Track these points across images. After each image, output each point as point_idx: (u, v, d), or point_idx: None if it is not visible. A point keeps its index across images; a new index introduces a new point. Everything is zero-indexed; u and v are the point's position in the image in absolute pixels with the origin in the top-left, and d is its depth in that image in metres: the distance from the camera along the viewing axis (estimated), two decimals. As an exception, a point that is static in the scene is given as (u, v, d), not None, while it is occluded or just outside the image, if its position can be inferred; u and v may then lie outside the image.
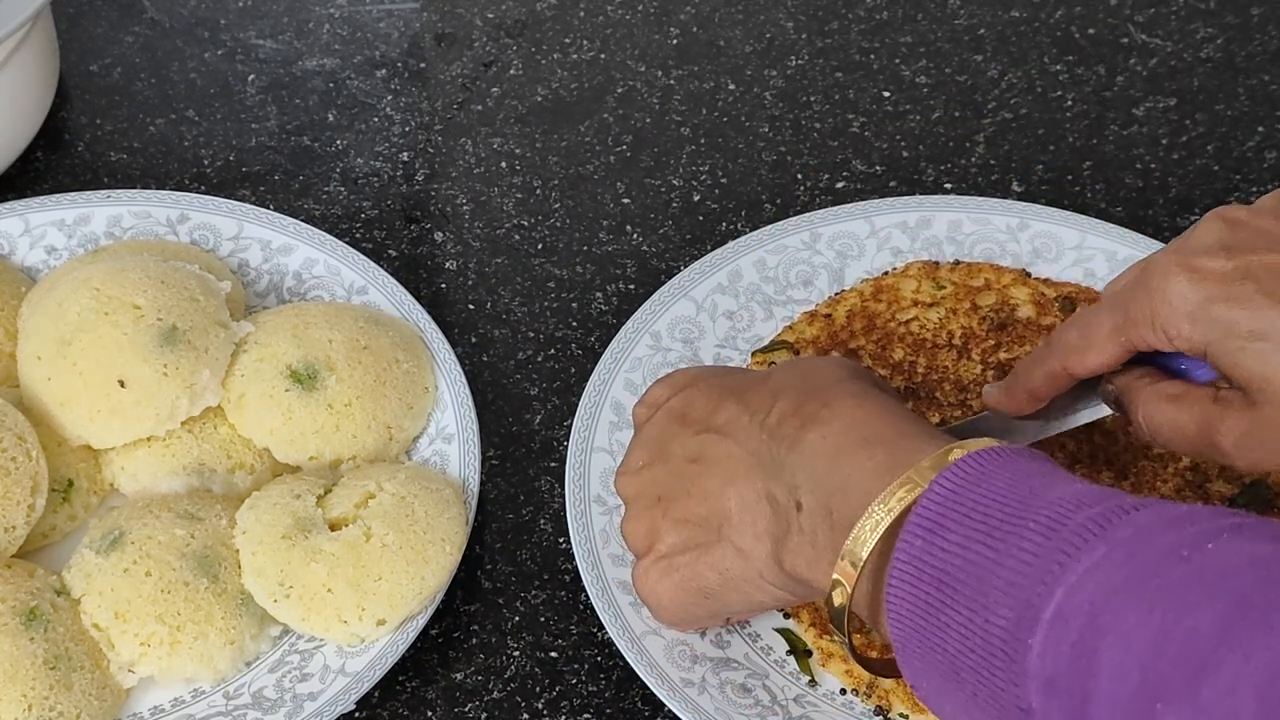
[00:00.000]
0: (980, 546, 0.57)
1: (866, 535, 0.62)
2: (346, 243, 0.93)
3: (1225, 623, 0.50)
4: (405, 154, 1.03)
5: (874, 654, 0.74)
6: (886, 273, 0.92)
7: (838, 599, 0.63)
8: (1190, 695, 0.49)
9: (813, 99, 1.06)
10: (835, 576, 0.63)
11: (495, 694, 0.79)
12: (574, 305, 0.94)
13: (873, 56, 1.09)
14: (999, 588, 0.56)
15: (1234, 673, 0.49)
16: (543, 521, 0.85)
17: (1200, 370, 0.70)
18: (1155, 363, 0.72)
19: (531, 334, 0.93)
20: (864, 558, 0.62)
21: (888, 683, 0.76)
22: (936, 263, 0.92)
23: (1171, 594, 0.52)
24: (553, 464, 0.87)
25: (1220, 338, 0.66)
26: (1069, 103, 1.06)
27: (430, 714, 0.78)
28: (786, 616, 0.79)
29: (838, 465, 0.65)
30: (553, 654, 0.80)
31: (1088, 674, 0.52)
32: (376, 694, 0.78)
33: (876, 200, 0.95)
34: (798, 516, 0.66)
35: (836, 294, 0.91)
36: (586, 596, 0.79)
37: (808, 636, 0.78)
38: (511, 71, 1.08)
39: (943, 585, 0.58)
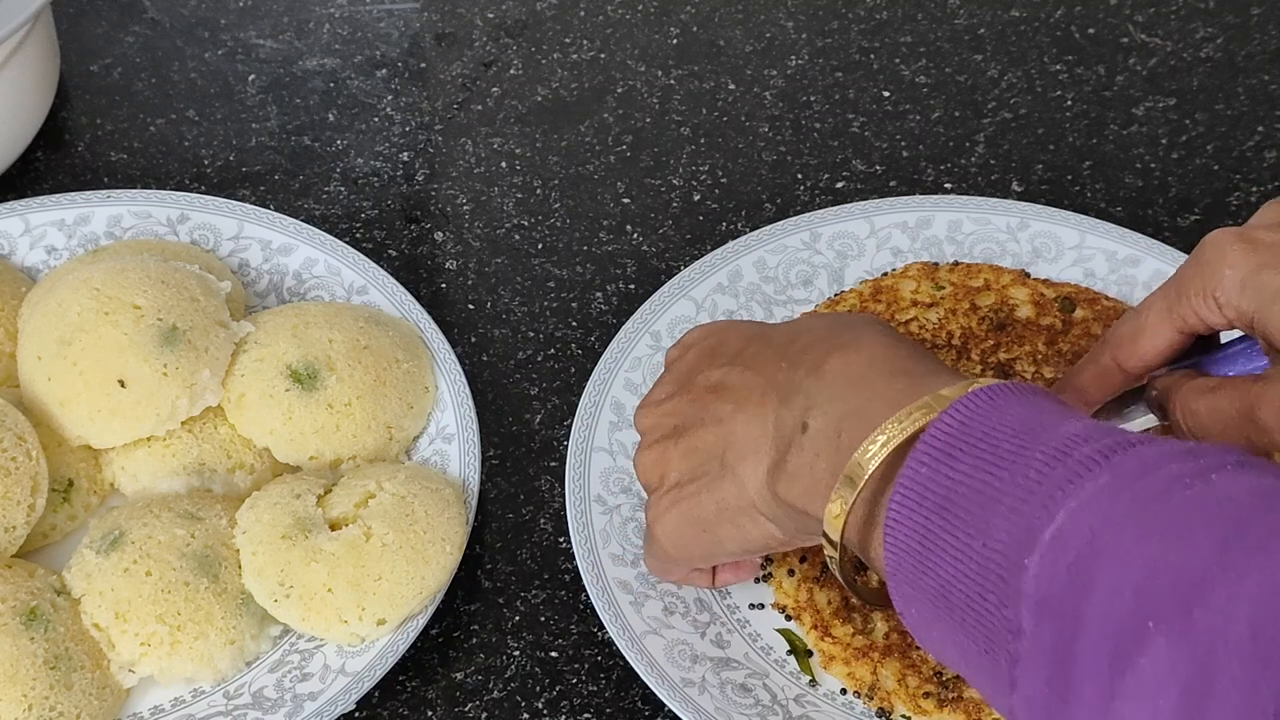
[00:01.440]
0: (986, 475, 0.57)
1: (875, 450, 0.61)
2: (346, 243, 0.93)
3: (1222, 546, 0.50)
4: (405, 154, 1.03)
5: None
6: (886, 273, 0.92)
7: (833, 520, 0.63)
8: (1184, 618, 0.49)
9: (813, 99, 1.06)
10: (834, 498, 0.62)
11: (495, 694, 0.79)
12: (574, 305, 0.95)
13: (872, 56, 1.09)
14: (1001, 514, 0.56)
15: (1227, 595, 0.49)
16: (543, 521, 0.85)
17: (1249, 367, 0.71)
18: (1200, 366, 0.72)
19: (531, 334, 0.93)
20: (869, 473, 0.61)
21: (890, 684, 0.76)
22: (936, 263, 0.92)
23: (1171, 519, 0.52)
24: (553, 464, 0.87)
25: (1268, 302, 0.66)
26: (1069, 102, 1.06)
27: (430, 714, 0.78)
28: (789, 619, 0.79)
29: (860, 388, 0.65)
30: (553, 654, 0.80)
31: (1081, 595, 0.52)
32: (377, 694, 0.78)
33: (876, 200, 0.95)
34: (801, 437, 0.66)
35: (836, 294, 0.91)
36: (586, 596, 0.79)
37: (810, 639, 0.78)
38: (511, 71, 1.08)
39: (944, 511, 0.58)
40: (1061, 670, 0.52)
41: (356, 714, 0.78)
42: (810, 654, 0.78)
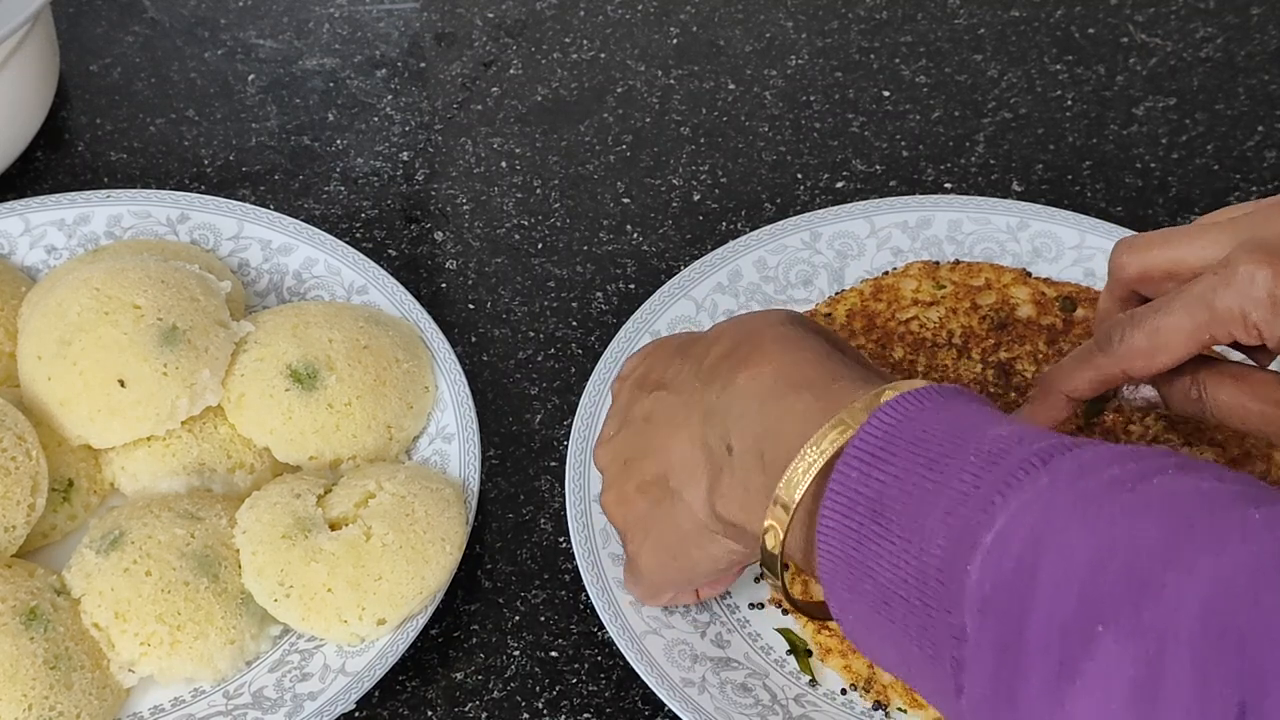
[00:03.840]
0: (917, 477, 0.57)
1: (799, 478, 0.61)
2: (346, 242, 0.93)
3: (1169, 542, 0.50)
4: (405, 154, 1.03)
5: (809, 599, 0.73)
6: (886, 272, 0.92)
7: (769, 542, 0.63)
8: (1133, 614, 0.49)
9: (813, 99, 1.06)
10: (768, 521, 0.63)
11: (495, 693, 0.79)
12: (574, 305, 0.95)
13: (872, 56, 1.09)
14: (936, 517, 0.55)
15: (1176, 591, 0.48)
16: (543, 521, 0.85)
17: None
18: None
19: (531, 334, 0.93)
20: (797, 499, 0.61)
21: (886, 678, 0.76)
22: (936, 262, 0.92)
23: (1114, 520, 0.52)
24: (553, 463, 0.87)
25: None
26: (1069, 102, 1.06)
27: (430, 713, 0.78)
28: (785, 613, 0.79)
29: (767, 408, 0.65)
30: (553, 653, 0.80)
31: (1026, 597, 0.52)
32: (377, 693, 0.78)
33: (876, 200, 0.95)
34: (729, 459, 0.66)
35: (836, 294, 0.91)
36: (586, 596, 0.79)
37: (807, 633, 0.78)
38: (511, 71, 1.08)
39: (877, 515, 0.57)
40: (1008, 673, 0.52)
41: (356, 714, 0.78)
42: (810, 653, 0.78)
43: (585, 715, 0.78)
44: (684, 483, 0.70)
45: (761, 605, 0.80)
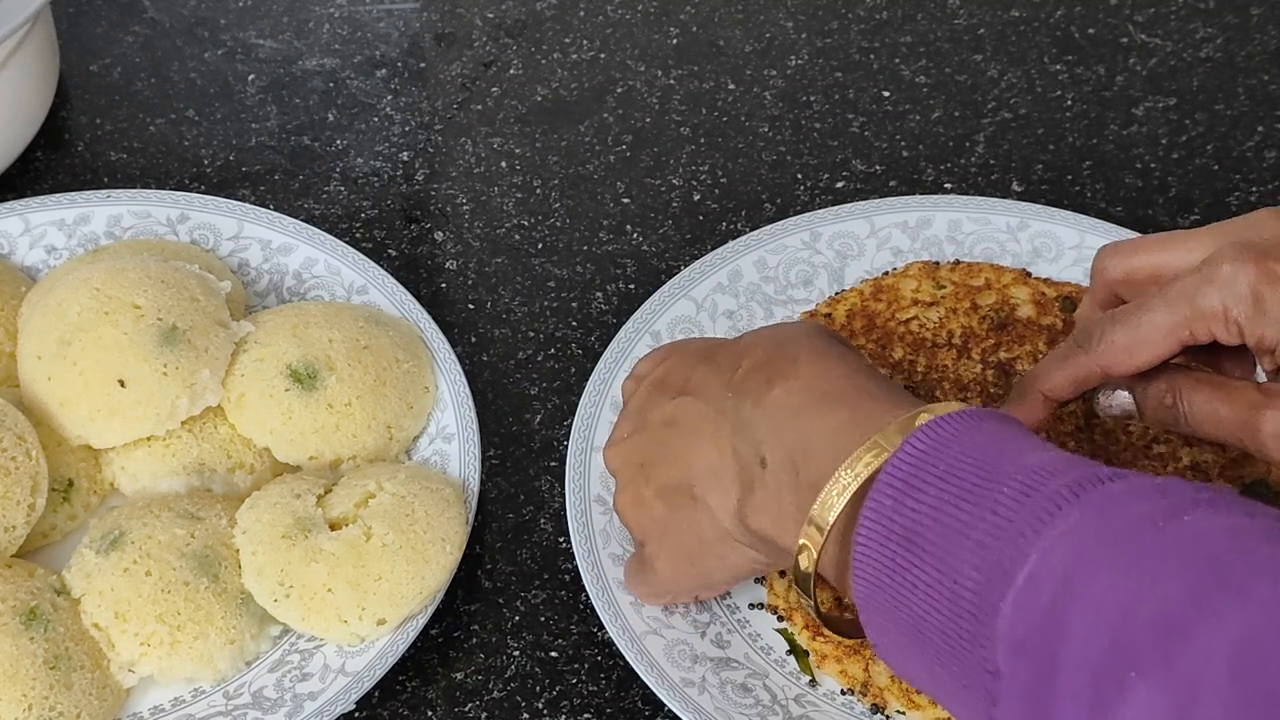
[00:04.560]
0: (951, 508, 0.57)
1: (833, 500, 0.62)
2: (346, 242, 0.93)
3: (1200, 589, 0.50)
4: (405, 154, 1.03)
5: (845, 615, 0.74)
6: (886, 272, 0.92)
7: (804, 563, 0.63)
8: (1164, 662, 0.49)
9: (812, 99, 1.06)
10: (801, 540, 0.63)
11: (495, 694, 0.79)
12: (574, 305, 0.95)
13: (872, 56, 1.09)
14: (969, 549, 0.56)
15: (1208, 640, 0.49)
16: (543, 521, 0.85)
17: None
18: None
19: (531, 334, 0.93)
20: (831, 521, 0.62)
21: (883, 681, 0.76)
22: (936, 262, 0.92)
23: (1145, 560, 0.52)
24: (553, 464, 0.87)
25: None
26: (1069, 102, 1.06)
27: (430, 713, 0.78)
28: (781, 619, 0.79)
29: (800, 422, 0.65)
30: (553, 654, 0.80)
31: (1058, 638, 0.52)
32: (377, 693, 0.78)
33: (876, 200, 0.95)
34: (762, 473, 0.66)
35: (836, 294, 0.91)
36: (586, 596, 0.79)
37: (802, 639, 0.78)
38: (511, 71, 1.08)
39: (910, 544, 0.58)
40: (1040, 715, 0.52)
41: (356, 714, 0.78)
42: (809, 654, 0.78)
43: (585, 715, 0.78)
44: (709, 491, 0.70)
45: (761, 605, 0.80)
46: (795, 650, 0.78)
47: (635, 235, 0.98)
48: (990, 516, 0.56)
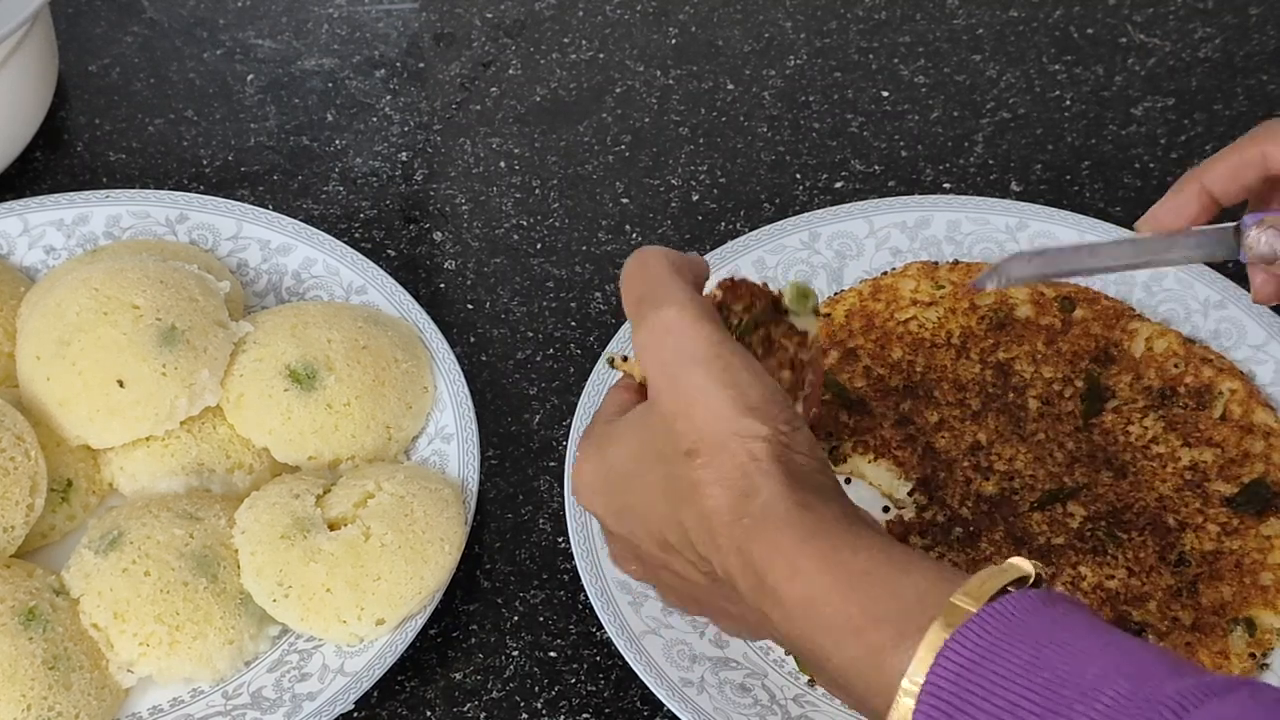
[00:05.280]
0: None
1: None
2: (345, 242, 0.93)
3: None
4: (404, 154, 1.03)
5: None
6: (885, 272, 0.92)
7: None
8: None
9: (811, 99, 1.06)
10: None
11: (494, 693, 0.79)
12: (573, 305, 0.95)
13: (871, 56, 1.09)
14: None
15: None
16: (542, 521, 0.85)
17: None
18: None
19: (530, 334, 0.93)
20: None
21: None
22: (935, 262, 0.92)
23: None
24: (552, 464, 0.87)
25: None
26: (1067, 102, 1.06)
27: (429, 713, 0.78)
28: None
29: (820, 650, 0.58)
30: (552, 654, 0.80)
31: None
32: (375, 694, 0.78)
33: (875, 200, 0.95)
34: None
35: (835, 294, 0.91)
36: (586, 596, 0.79)
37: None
38: (510, 71, 1.08)
39: None
40: None
41: (355, 714, 0.78)
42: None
43: (584, 715, 0.78)
44: (750, 632, 0.65)
45: (760, 605, 0.80)
46: (794, 650, 0.78)
47: (634, 235, 0.98)
48: None
